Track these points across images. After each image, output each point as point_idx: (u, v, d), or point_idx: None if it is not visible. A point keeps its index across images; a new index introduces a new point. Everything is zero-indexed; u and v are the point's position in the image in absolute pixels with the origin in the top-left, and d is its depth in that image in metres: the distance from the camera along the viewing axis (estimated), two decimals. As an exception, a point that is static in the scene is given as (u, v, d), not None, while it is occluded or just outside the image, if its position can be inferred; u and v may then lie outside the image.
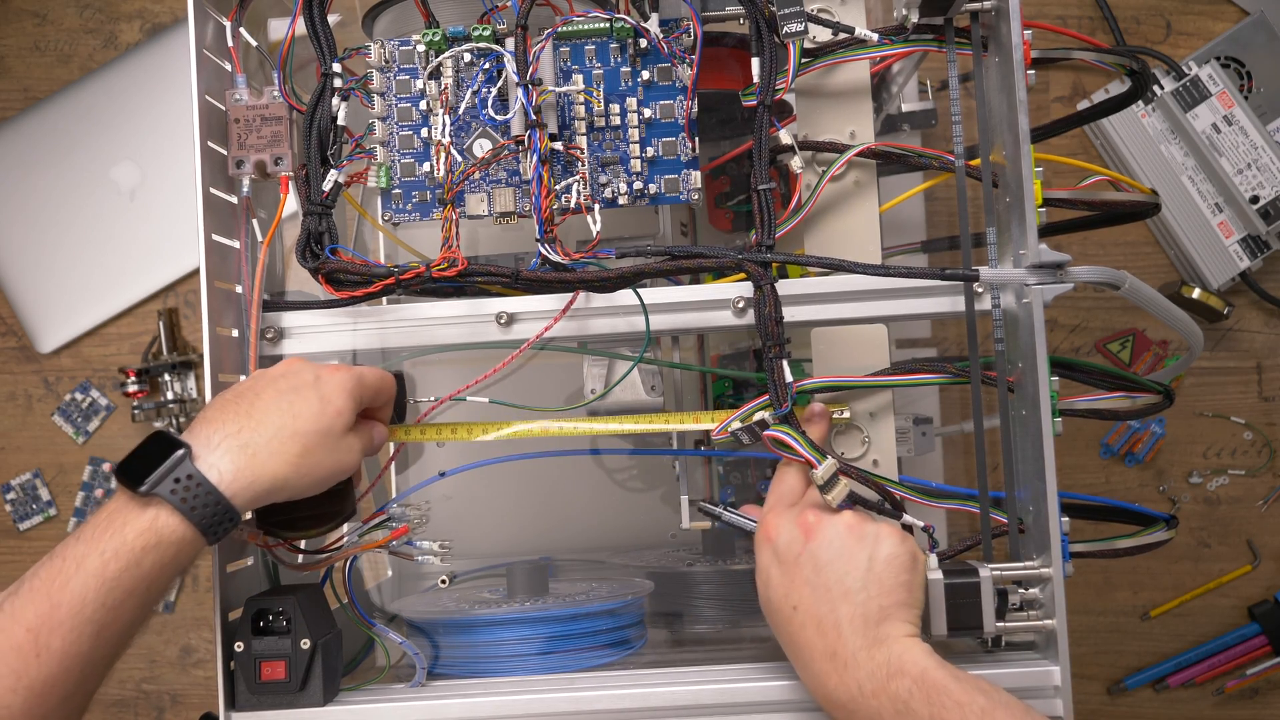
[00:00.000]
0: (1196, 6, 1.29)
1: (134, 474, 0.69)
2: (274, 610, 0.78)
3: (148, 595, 0.69)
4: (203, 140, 0.82)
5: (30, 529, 1.34)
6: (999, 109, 0.80)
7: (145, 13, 1.36)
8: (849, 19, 0.82)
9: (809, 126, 0.85)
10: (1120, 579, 1.26)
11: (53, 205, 1.32)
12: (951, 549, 0.85)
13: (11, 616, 0.67)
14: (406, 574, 1.11)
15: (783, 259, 0.78)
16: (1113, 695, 1.25)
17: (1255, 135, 1.20)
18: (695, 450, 0.94)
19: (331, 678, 0.79)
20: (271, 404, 0.73)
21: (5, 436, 1.35)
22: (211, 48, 0.84)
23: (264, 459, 0.71)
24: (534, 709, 0.78)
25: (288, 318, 0.84)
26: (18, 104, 1.36)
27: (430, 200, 0.85)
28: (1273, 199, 1.20)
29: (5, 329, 1.35)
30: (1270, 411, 1.28)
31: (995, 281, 0.80)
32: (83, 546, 0.68)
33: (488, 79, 0.83)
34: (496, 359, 0.83)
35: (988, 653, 0.80)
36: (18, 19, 1.36)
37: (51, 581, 0.67)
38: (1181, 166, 1.23)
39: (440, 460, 0.92)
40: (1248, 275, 1.25)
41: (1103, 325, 1.28)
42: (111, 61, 1.34)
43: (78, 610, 0.67)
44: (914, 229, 1.19)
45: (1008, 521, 0.81)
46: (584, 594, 0.94)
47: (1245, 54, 1.25)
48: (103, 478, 1.33)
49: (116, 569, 0.68)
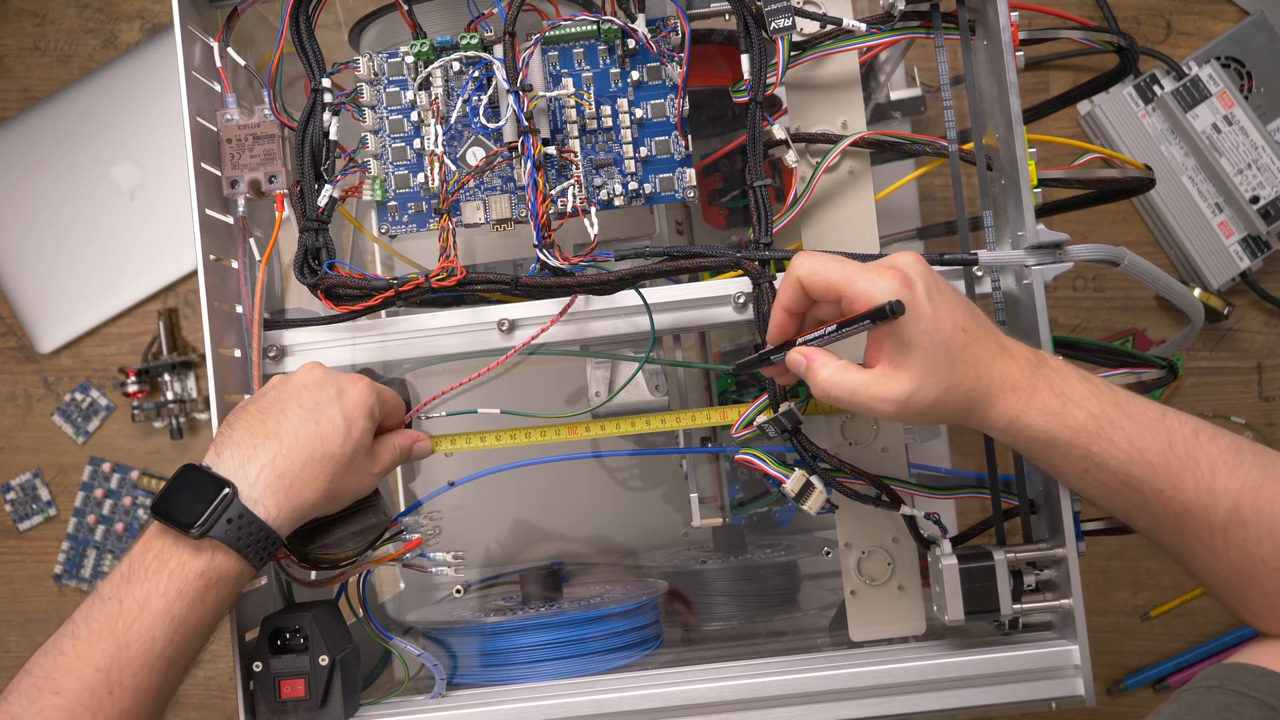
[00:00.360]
0: (1196, 6, 1.29)
1: (178, 513, 0.71)
2: (291, 628, 0.78)
3: (211, 626, 0.73)
4: (196, 162, 0.82)
5: (30, 529, 1.34)
6: (990, 92, 0.80)
7: (145, 13, 1.36)
8: (835, 9, 0.82)
9: (800, 119, 0.85)
10: (1120, 579, 1.26)
11: (53, 205, 1.32)
12: (964, 532, 0.86)
13: (78, 659, 0.69)
14: (420, 585, 1.11)
15: (780, 255, 0.78)
16: (1113, 695, 1.25)
17: (1255, 135, 1.20)
18: (703, 448, 0.94)
19: (351, 693, 0.79)
20: (299, 424, 0.74)
21: (5, 436, 1.35)
22: (200, 69, 0.84)
23: (299, 488, 0.73)
24: (556, 714, 0.78)
25: (289, 335, 0.84)
26: (18, 104, 1.36)
27: (426, 211, 0.85)
28: (1273, 199, 1.20)
29: (5, 329, 1.35)
30: (1270, 411, 1.27)
31: (994, 264, 0.80)
32: (138, 588, 0.70)
33: (478, 87, 0.83)
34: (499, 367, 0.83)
35: (1005, 635, 0.80)
36: (18, 19, 1.36)
37: (114, 623, 0.69)
38: (1181, 166, 1.23)
39: (449, 470, 0.92)
40: (1248, 275, 1.25)
41: (1103, 325, 1.28)
42: (111, 61, 1.34)
43: (148, 648, 0.69)
44: (909, 217, 1.19)
45: (1019, 504, 0.81)
46: (599, 596, 0.94)
47: (1245, 54, 1.25)
48: (102, 478, 1.33)
49: (182, 608, 0.70)
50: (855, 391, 0.69)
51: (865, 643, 0.84)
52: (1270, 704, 0.64)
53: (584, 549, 1.13)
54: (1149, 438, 0.69)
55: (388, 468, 0.80)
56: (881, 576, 0.84)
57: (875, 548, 0.84)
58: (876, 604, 0.84)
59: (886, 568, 0.84)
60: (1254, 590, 0.70)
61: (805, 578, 1.07)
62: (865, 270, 0.69)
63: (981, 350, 0.69)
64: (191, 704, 1.31)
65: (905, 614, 0.84)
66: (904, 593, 0.84)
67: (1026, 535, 0.81)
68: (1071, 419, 0.69)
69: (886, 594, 0.84)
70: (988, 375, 0.69)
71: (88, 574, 1.33)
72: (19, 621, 1.34)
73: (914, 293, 0.68)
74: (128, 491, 1.33)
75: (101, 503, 1.33)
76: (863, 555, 0.84)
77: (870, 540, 0.84)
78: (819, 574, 1.07)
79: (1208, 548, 0.69)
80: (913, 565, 0.84)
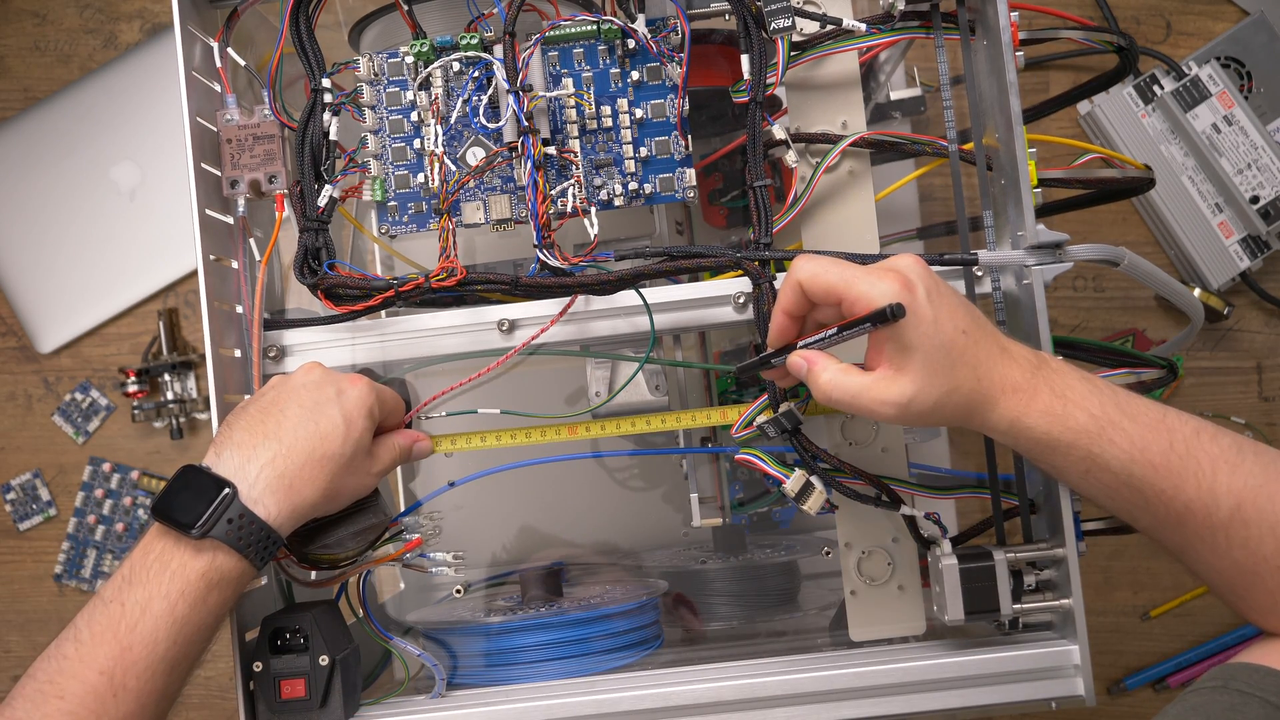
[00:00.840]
0: (1196, 6, 1.29)
1: (178, 513, 0.71)
2: (291, 628, 0.78)
3: (213, 627, 0.73)
4: (196, 163, 0.82)
5: (30, 529, 1.34)
6: (990, 92, 0.80)
7: (145, 13, 1.36)
8: (835, 9, 0.82)
9: (800, 119, 0.85)
10: (1120, 579, 1.26)
11: (53, 205, 1.32)
12: (964, 532, 0.86)
13: (81, 662, 0.69)
14: (420, 586, 1.11)
15: (779, 256, 0.79)
16: (1113, 695, 1.25)
17: (1255, 135, 1.20)
18: (703, 448, 0.94)
19: (351, 693, 0.79)
20: (299, 424, 0.74)
21: (5, 436, 1.35)
22: (200, 69, 0.84)
23: (299, 487, 0.73)
24: (556, 713, 0.78)
25: (289, 335, 0.84)
26: (18, 104, 1.36)
27: (426, 211, 0.85)
28: (1273, 199, 1.20)
29: (5, 329, 1.35)
30: (1270, 411, 1.27)
31: (994, 264, 0.80)
32: (140, 590, 0.70)
33: (478, 87, 0.83)
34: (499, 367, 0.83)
35: (1005, 635, 0.80)
36: (18, 19, 1.36)
37: (116, 625, 0.69)
38: (1181, 166, 1.23)
39: (449, 471, 0.92)
40: (1248, 275, 1.25)
41: (1103, 325, 1.28)
42: (111, 61, 1.34)
43: (151, 650, 0.69)
44: (909, 216, 1.19)
45: (1019, 504, 0.81)
46: (599, 597, 0.94)
47: (1245, 54, 1.25)
48: (102, 478, 1.33)
49: (185, 609, 0.70)
50: (856, 394, 0.69)
51: (865, 643, 0.84)
52: (1276, 703, 0.64)
53: (584, 549, 1.13)
54: (1150, 438, 0.69)
55: (387, 468, 0.80)
56: (881, 576, 0.84)
57: (875, 548, 0.84)
58: (876, 604, 0.84)
59: (886, 568, 0.84)
60: (1257, 588, 0.70)
61: (805, 578, 1.07)
62: (866, 273, 0.69)
63: (982, 352, 0.69)
64: (192, 704, 1.31)
65: (905, 614, 0.84)
66: (904, 593, 0.84)
67: (1027, 535, 0.81)
68: (1073, 420, 0.69)
69: (886, 594, 0.84)
70: (988, 378, 0.69)
71: (88, 574, 1.33)
72: (19, 621, 1.34)
73: (914, 295, 0.68)
74: (128, 491, 1.33)
75: (101, 503, 1.33)
76: (863, 555, 0.84)
77: (870, 540, 0.84)
78: (819, 574, 1.07)
79: (1210, 547, 0.69)
80: (913, 565, 0.84)
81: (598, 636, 0.87)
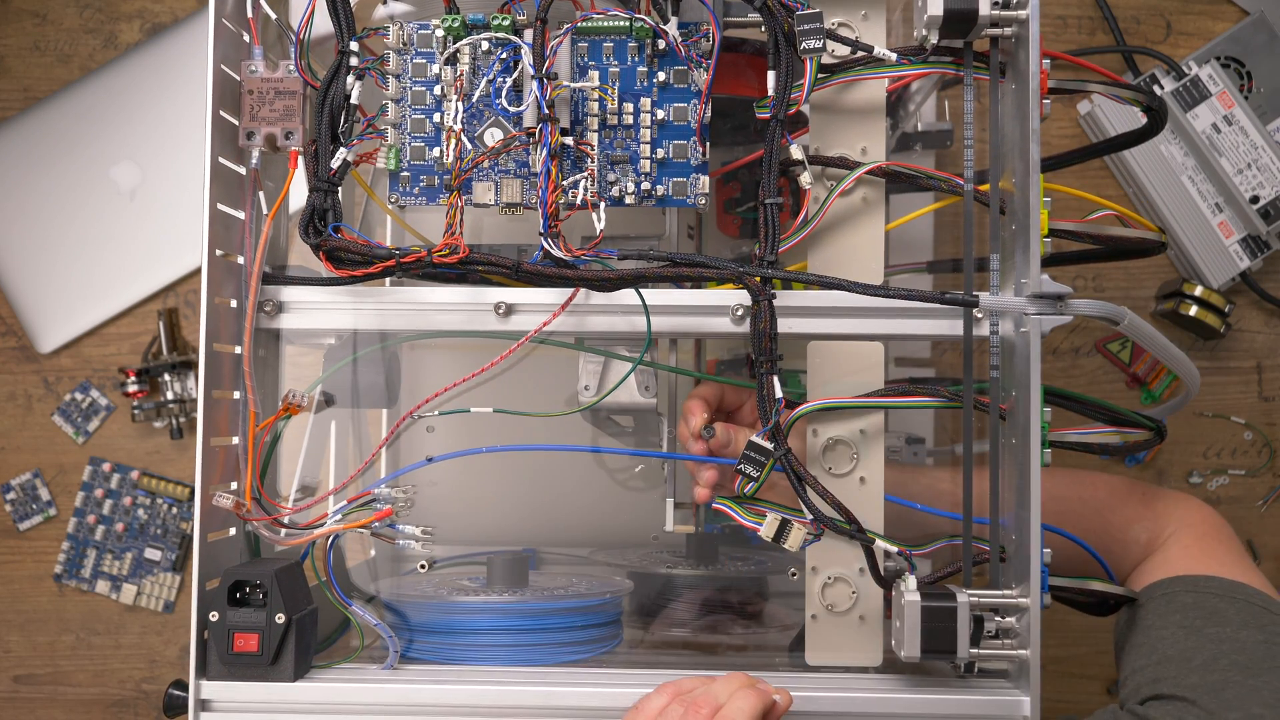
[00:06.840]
0: (1196, 6, 1.29)
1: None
2: (251, 582, 0.78)
3: None
4: (215, 109, 0.82)
5: (30, 529, 1.35)
6: (1012, 136, 0.80)
7: (145, 13, 1.36)
8: (869, 36, 0.82)
9: (821, 140, 0.85)
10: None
11: (53, 205, 1.32)
12: (933, 574, 0.85)
13: None
14: (391, 556, 1.11)
15: (782, 276, 0.78)
16: (1113, 695, 1.24)
17: (1255, 135, 1.20)
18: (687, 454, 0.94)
19: (304, 654, 0.80)
20: None
21: (5, 436, 1.35)
22: (231, 17, 0.84)
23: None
24: (504, 700, 0.79)
25: (287, 292, 0.85)
26: (18, 104, 1.36)
27: (437, 185, 0.85)
28: (1273, 199, 1.20)
29: (5, 329, 1.35)
30: (1270, 411, 1.28)
31: (994, 309, 0.80)
32: None
33: (504, 69, 0.83)
34: (492, 345, 0.83)
35: (960, 678, 0.80)
36: (18, 19, 1.36)
37: None
38: (1181, 166, 1.23)
39: (430, 445, 0.92)
40: (1248, 275, 1.25)
41: (1103, 325, 1.27)
42: (111, 61, 1.34)
43: None
44: (922, 248, 1.19)
45: (990, 549, 0.81)
46: (563, 589, 0.94)
47: (1245, 54, 1.25)
48: (102, 478, 1.33)
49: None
50: None
51: (821, 667, 0.84)
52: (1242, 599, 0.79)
53: (555, 539, 1.13)
54: None
55: None
56: (844, 605, 0.84)
57: (841, 575, 0.84)
58: (836, 631, 0.84)
59: (850, 596, 0.84)
60: None
61: (773, 595, 1.07)
62: None
63: None
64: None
65: (864, 644, 0.84)
66: (865, 623, 0.84)
67: (994, 581, 0.81)
68: None
69: (847, 622, 0.84)
70: None
71: (88, 574, 1.34)
72: (19, 621, 1.34)
73: None
74: (128, 491, 1.34)
75: (101, 503, 1.34)
76: (828, 581, 0.84)
77: (837, 567, 0.84)
78: (787, 593, 1.07)
79: None
80: (877, 596, 0.84)
81: (556, 628, 0.87)
